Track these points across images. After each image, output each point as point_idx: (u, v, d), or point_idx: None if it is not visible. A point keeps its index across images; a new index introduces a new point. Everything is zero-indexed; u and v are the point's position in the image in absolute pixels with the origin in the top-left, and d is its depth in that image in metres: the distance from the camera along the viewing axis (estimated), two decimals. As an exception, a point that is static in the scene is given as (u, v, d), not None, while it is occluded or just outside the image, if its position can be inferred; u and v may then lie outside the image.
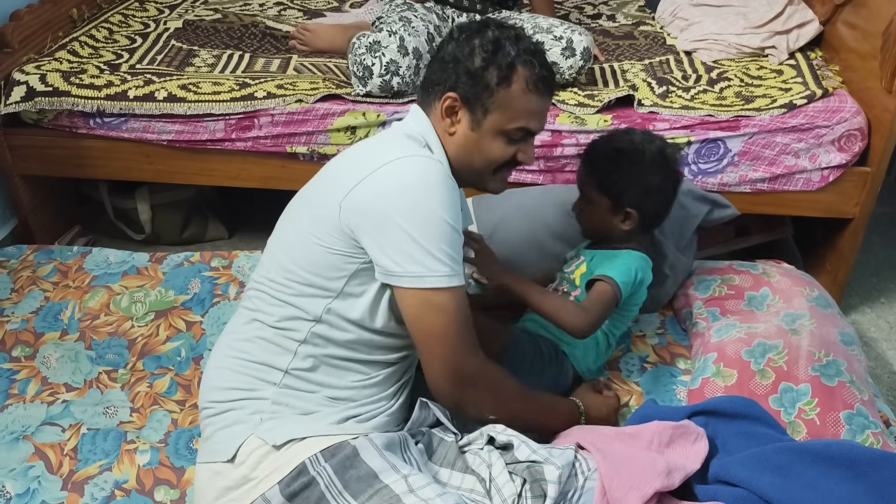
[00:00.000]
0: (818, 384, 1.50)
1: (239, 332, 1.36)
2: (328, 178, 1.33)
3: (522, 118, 1.30)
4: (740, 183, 2.07)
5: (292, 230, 1.33)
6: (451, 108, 1.30)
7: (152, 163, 2.16)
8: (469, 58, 1.28)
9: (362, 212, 1.22)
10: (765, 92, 2.12)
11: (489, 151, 1.32)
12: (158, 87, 2.09)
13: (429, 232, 1.19)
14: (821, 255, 2.28)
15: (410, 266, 1.19)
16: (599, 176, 1.58)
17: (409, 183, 1.21)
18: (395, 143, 1.30)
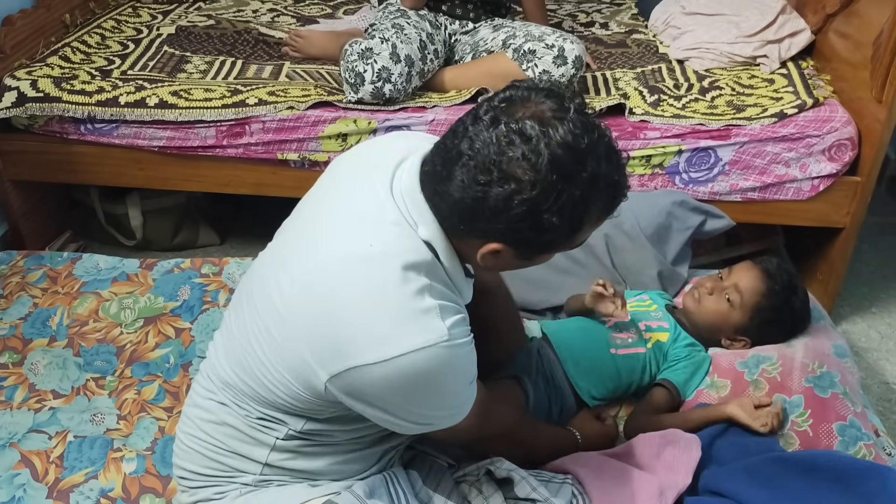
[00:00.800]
0: (811, 395, 1.50)
1: (207, 412, 1.21)
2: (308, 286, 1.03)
3: (585, 239, 1.04)
4: (731, 192, 2.07)
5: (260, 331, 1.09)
6: (495, 253, 1.00)
7: (143, 169, 2.16)
8: (533, 227, 0.94)
9: (363, 403, 1.03)
10: (756, 101, 2.12)
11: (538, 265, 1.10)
12: (150, 93, 2.09)
13: (448, 412, 1.08)
14: (812, 265, 2.29)
15: (421, 427, 1.09)
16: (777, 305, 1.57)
17: (419, 390, 1.00)
18: (395, 303, 0.98)
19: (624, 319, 1.59)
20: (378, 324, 0.97)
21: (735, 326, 1.60)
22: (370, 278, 0.98)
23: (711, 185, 2.07)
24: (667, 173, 2.06)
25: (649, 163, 2.05)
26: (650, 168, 2.06)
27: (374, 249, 0.99)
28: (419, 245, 1.01)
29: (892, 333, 2.26)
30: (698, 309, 1.61)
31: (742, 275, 1.60)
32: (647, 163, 2.05)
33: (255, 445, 1.18)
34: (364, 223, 1.03)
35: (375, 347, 0.96)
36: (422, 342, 0.95)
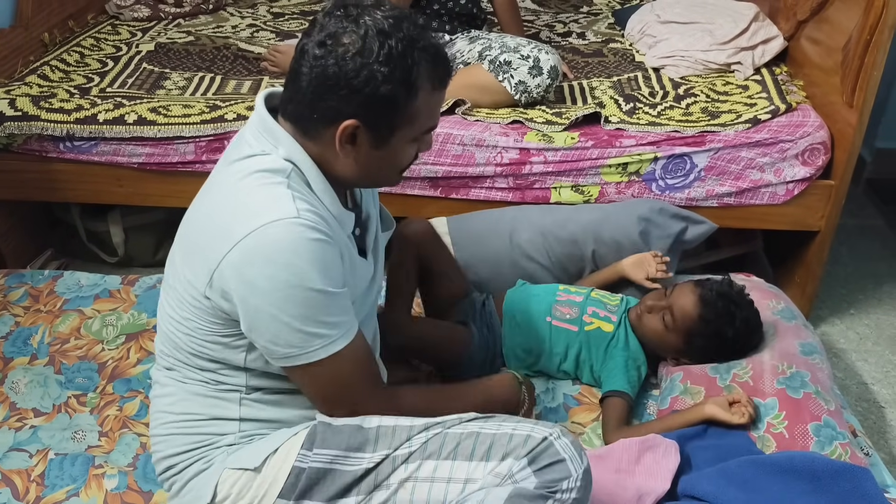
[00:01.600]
0: (785, 397, 1.51)
1: (171, 393, 1.30)
2: (191, 242, 1.19)
3: (430, 119, 1.18)
4: (707, 197, 2.09)
5: (172, 303, 1.23)
6: (351, 137, 1.13)
7: (123, 185, 2.16)
8: (368, 82, 1.07)
9: (230, 297, 1.12)
10: (730, 107, 2.15)
11: (397, 161, 1.20)
12: (128, 110, 2.10)
13: (299, 309, 1.10)
14: (790, 268, 2.31)
15: (286, 349, 1.12)
16: (709, 333, 1.59)
17: (272, 259, 1.08)
18: (255, 193, 1.12)
19: (656, 284, 1.74)
20: (239, 212, 1.10)
21: (673, 349, 1.63)
22: (234, 189, 1.14)
23: (688, 192, 2.09)
24: (643, 180, 2.08)
25: (626, 170, 2.07)
26: (627, 176, 2.08)
27: (238, 179, 1.14)
28: (278, 160, 1.14)
29: (869, 334, 2.28)
30: (639, 325, 1.66)
31: (679, 298, 1.61)
32: (624, 170, 2.07)
33: (224, 402, 1.25)
34: (227, 176, 1.17)
35: (236, 229, 1.08)
36: (274, 217, 1.07)
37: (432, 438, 1.18)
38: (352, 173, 1.18)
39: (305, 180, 1.15)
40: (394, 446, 1.18)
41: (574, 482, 1.12)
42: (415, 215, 2.07)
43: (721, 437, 1.50)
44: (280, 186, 1.12)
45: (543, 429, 1.15)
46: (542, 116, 2.11)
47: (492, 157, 2.07)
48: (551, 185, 2.09)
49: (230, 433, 1.26)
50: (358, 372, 1.18)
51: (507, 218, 1.96)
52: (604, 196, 2.10)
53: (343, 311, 1.15)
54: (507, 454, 1.13)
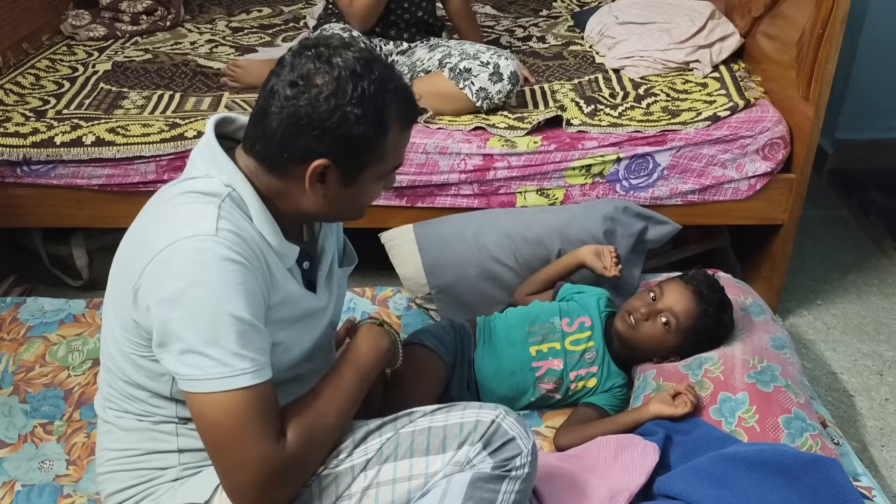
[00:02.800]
0: (755, 391, 1.53)
1: (109, 430, 1.27)
2: (119, 264, 1.18)
3: (398, 158, 1.20)
4: (671, 196, 2.11)
5: (107, 328, 1.22)
6: (321, 176, 1.13)
7: (84, 208, 2.13)
8: (341, 123, 1.08)
9: (147, 314, 1.09)
10: (690, 105, 2.16)
11: (364, 199, 1.21)
12: (86, 131, 2.07)
13: (205, 330, 1.05)
14: (757, 262, 2.33)
15: (188, 369, 1.07)
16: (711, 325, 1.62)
17: (183, 274, 1.05)
18: (178, 210, 1.11)
19: (617, 276, 1.75)
20: (160, 228, 1.10)
21: (670, 348, 1.64)
22: (162, 209, 1.14)
23: (652, 191, 2.10)
24: (607, 181, 2.09)
25: (589, 172, 2.08)
26: (591, 177, 2.09)
27: (168, 198, 1.15)
28: (217, 185, 1.14)
29: (837, 324, 2.31)
30: (634, 335, 1.63)
31: (675, 298, 1.61)
32: (588, 172, 2.08)
33: (160, 434, 1.21)
34: (162, 196, 1.18)
35: (155, 243, 1.08)
36: (190, 232, 1.07)
37: (387, 442, 1.19)
38: (317, 209, 1.18)
39: (244, 208, 1.14)
40: (349, 452, 1.19)
41: (525, 457, 1.19)
42: (382, 226, 2.07)
43: (688, 433, 1.51)
44: (207, 206, 1.10)
45: (489, 412, 1.20)
46: (505, 122, 2.11)
47: (455, 164, 2.07)
48: (516, 189, 2.10)
49: (171, 466, 1.23)
50: (256, 421, 1.07)
51: (473, 221, 1.97)
52: (569, 199, 2.11)
53: (255, 349, 1.08)
54: (463, 442, 1.17)
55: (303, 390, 1.21)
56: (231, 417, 1.06)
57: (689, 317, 1.60)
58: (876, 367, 2.14)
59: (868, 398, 2.04)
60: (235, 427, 1.06)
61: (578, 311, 1.69)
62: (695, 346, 1.63)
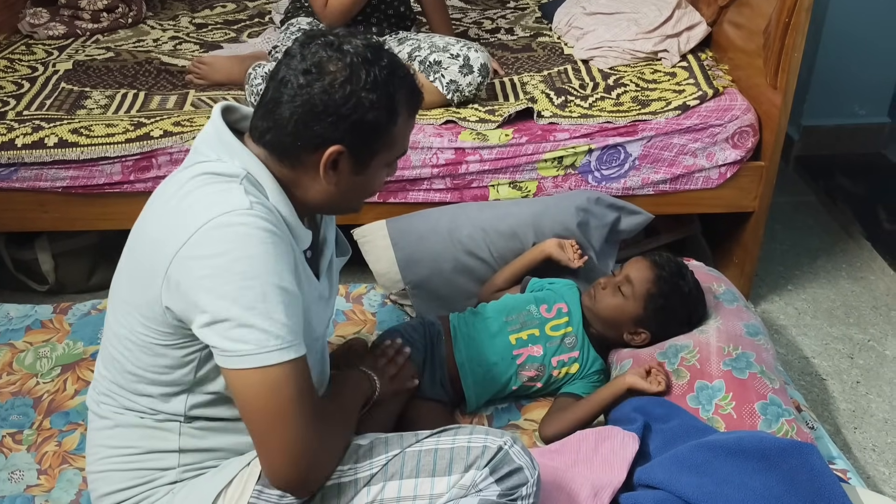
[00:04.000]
0: (731, 378, 1.54)
1: (106, 426, 1.24)
2: (140, 251, 1.16)
3: (404, 144, 1.21)
4: (643, 186, 2.12)
5: (116, 321, 1.19)
6: (335, 163, 1.14)
7: (48, 211, 2.08)
8: (356, 109, 1.09)
9: (184, 296, 1.06)
10: (660, 95, 2.17)
11: (371, 187, 1.22)
12: (48, 132, 2.02)
13: (255, 303, 1.04)
14: (728, 249, 2.35)
15: (238, 344, 1.04)
16: (668, 292, 1.63)
17: (227, 249, 1.05)
18: (204, 191, 1.10)
19: (579, 266, 1.79)
20: (189, 210, 1.09)
21: (632, 317, 1.65)
22: (182, 192, 1.12)
23: (623, 181, 2.11)
24: (579, 173, 2.09)
25: (561, 164, 2.08)
26: (563, 169, 2.09)
27: (186, 181, 1.13)
28: (232, 167, 1.13)
29: (808, 308, 2.34)
30: (596, 306, 1.67)
31: (632, 267, 1.68)
32: (560, 164, 2.08)
33: (162, 432, 1.19)
34: (174, 181, 1.16)
35: (188, 224, 1.07)
36: (227, 208, 1.06)
37: (392, 459, 1.19)
38: (324, 199, 1.18)
39: (261, 189, 1.13)
40: (353, 464, 1.18)
41: (531, 487, 1.18)
42: (354, 222, 2.04)
43: (667, 421, 1.52)
44: (230, 183, 1.10)
45: (496, 438, 1.20)
46: (476, 115, 2.10)
47: (427, 158, 2.05)
48: (489, 183, 2.09)
49: (170, 468, 1.21)
50: (303, 396, 1.07)
51: (446, 215, 1.96)
52: (541, 191, 2.10)
53: (297, 320, 1.09)
54: (469, 466, 1.17)
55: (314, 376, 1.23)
56: (283, 393, 1.05)
57: (644, 281, 1.63)
58: (846, 351, 2.17)
59: (840, 381, 2.07)
60: (285, 404, 1.05)
61: (555, 298, 1.71)
62: (658, 316, 1.64)
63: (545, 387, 1.67)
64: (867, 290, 2.41)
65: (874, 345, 2.19)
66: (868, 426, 1.93)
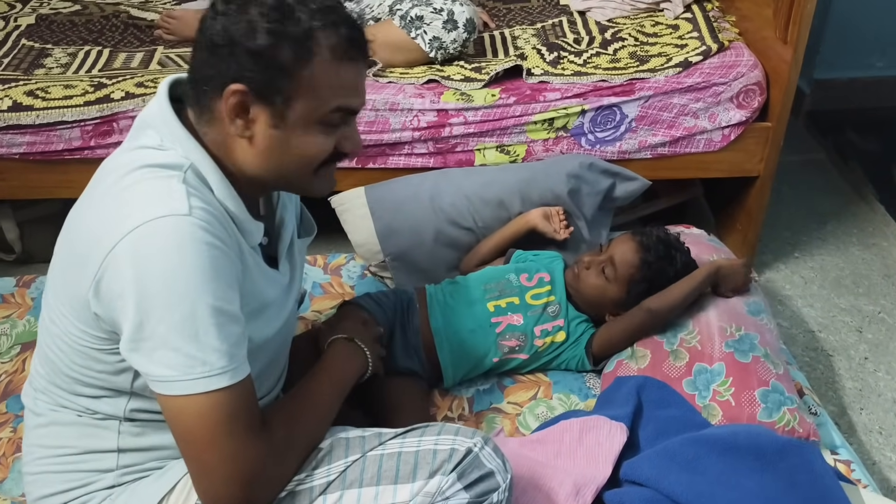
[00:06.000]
0: (732, 361, 1.44)
1: (42, 424, 1.15)
2: (72, 246, 1.05)
3: (337, 96, 1.02)
4: (640, 149, 1.98)
5: (51, 318, 1.09)
6: (240, 106, 1.00)
7: (6, 179, 1.96)
8: (249, 35, 0.97)
9: (112, 304, 0.97)
10: (660, 50, 2.02)
11: (304, 148, 1.04)
12: (1, 95, 1.89)
13: (183, 323, 0.95)
14: (732, 213, 2.22)
15: (163, 370, 0.95)
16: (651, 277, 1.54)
17: (157, 260, 0.94)
18: (143, 186, 1.00)
19: (565, 238, 1.70)
20: (125, 207, 0.98)
21: (613, 301, 1.56)
22: (120, 185, 1.01)
23: (619, 144, 1.97)
24: (571, 135, 1.96)
25: (552, 126, 1.94)
26: (553, 132, 1.95)
27: (125, 173, 1.02)
28: (174, 156, 1.03)
29: (814, 277, 2.21)
30: (577, 285, 1.58)
31: (617, 247, 1.58)
32: (550, 126, 1.94)
33: (100, 431, 1.11)
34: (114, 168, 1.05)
35: (122, 225, 0.96)
36: (162, 212, 0.95)
37: (352, 465, 1.09)
38: (256, 164, 1.04)
39: (205, 182, 1.03)
40: (309, 471, 1.09)
41: (503, 493, 1.10)
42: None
43: (663, 408, 1.42)
44: (171, 180, 0.99)
45: (465, 439, 1.10)
46: (461, 73, 1.96)
47: (408, 121, 1.92)
48: (474, 146, 1.96)
49: (109, 470, 1.12)
50: (236, 419, 0.99)
51: (428, 182, 1.84)
52: (531, 155, 1.97)
53: (235, 342, 0.99)
54: (435, 471, 1.07)
55: (270, 370, 1.18)
56: (210, 418, 0.96)
57: (628, 265, 1.54)
58: (854, 324, 2.06)
59: (846, 357, 1.95)
60: (215, 427, 0.97)
61: (536, 268, 1.61)
62: (640, 299, 1.54)
63: (531, 360, 1.57)
64: (879, 257, 2.28)
65: (885, 317, 2.07)
66: (875, 406, 1.83)
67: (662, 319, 1.52)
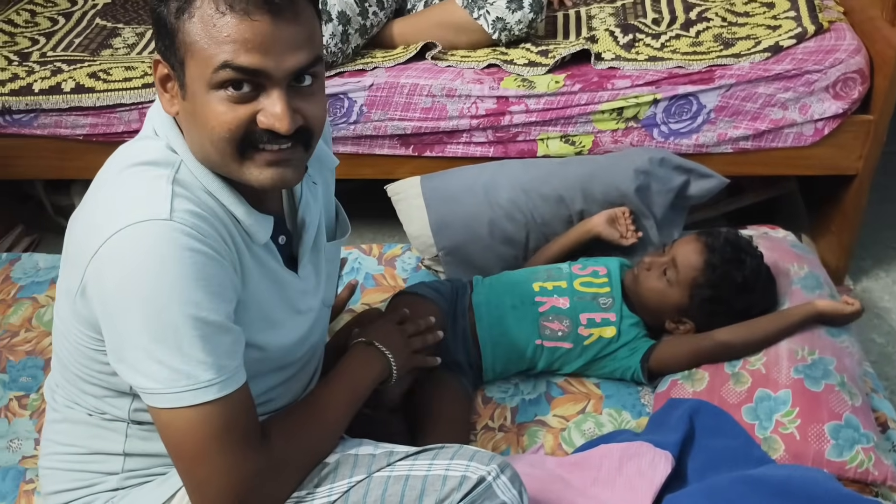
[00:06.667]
0: (801, 390, 1.30)
1: (56, 419, 1.16)
2: (68, 244, 1.03)
3: (222, 53, 0.88)
4: (719, 143, 1.81)
5: (57, 312, 1.09)
6: (162, 79, 0.96)
7: (71, 160, 2.00)
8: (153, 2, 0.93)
9: (96, 313, 0.95)
10: (749, 32, 1.83)
11: (206, 119, 0.92)
12: (66, 76, 1.91)
13: (165, 335, 0.90)
14: (827, 213, 2.02)
15: (147, 382, 0.92)
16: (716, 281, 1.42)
17: (136, 268, 0.90)
18: (128, 186, 0.96)
19: (633, 242, 1.58)
20: (109, 209, 0.94)
21: (675, 306, 1.44)
22: (111, 182, 0.99)
23: (696, 137, 1.81)
24: (643, 126, 1.81)
25: (621, 116, 1.80)
26: (623, 122, 1.81)
27: (118, 171, 0.99)
28: (165, 151, 0.98)
29: (919, 288, 1.99)
30: (636, 288, 1.46)
31: (681, 249, 1.46)
32: (619, 116, 1.80)
33: (107, 433, 1.09)
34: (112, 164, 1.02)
35: (103, 229, 0.92)
36: (141, 216, 0.91)
37: (356, 486, 1.03)
38: (190, 147, 0.98)
39: (196, 178, 0.98)
40: (311, 488, 1.04)
41: None
42: (389, 176, 1.86)
43: (717, 438, 1.30)
44: (159, 180, 0.95)
45: (479, 466, 1.02)
46: (526, 56, 1.84)
47: (465, 108, 1.82)
48: (536, 136, 1.84)
49: (113, 473, 1.11)
50: (231, 431, 0.95)
51: (485, 175, 1.75)
52: (598, 146, 1.84)
53: (223, 353, 0.94)
54: (442, 500, 1.00)
55: (295, 380, 1.14)
56: (199, 432, 0.93)
57: (690, 268, 1.42)
58: (963, 344, 1.83)
59: (949, 383, 1.74)
60: (205, 441, 0.94)
61: (593, 263, 1.52)
62: (704, 308, 1.42)
63: (577, 354, 1.45)
64: None
65: None
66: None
67: (736, 355, 1.38)
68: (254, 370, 1.02)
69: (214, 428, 0.93)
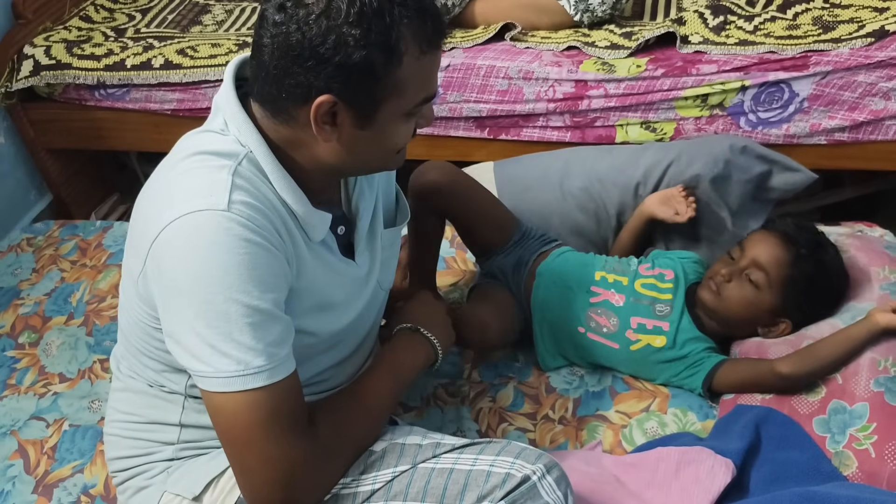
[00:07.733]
0: (880, 403, 1.22)
1: (119, 388, 1.21)
2: (132, 225, 1.06)
3: (424, 89, 0.99)
4: (812, 134, 1.71)
5: (121, 284, 1.12)
6: (330, 115, 0.97)
7: (162, 133, 2.07)
8: (337, 49, 0.91)
9: (154, 296, 0.99)
10: (853, 15, 1.71)
11: (392, 140, 1.02)
12: (156, 53, 1.98)
13: (217, 321, 0.93)
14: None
15: (198, 365, 0.95)
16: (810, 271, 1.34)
17: (192, 256, 0.93)
18: (190, 176, 0.99)
19: (690, 217, 1.51)
20: (171, 196, 0.98)
21: (769, 310, 1.35)
22: (175, 170, 1.01)
23: (786, 127, 1.71)
24: (728, 114, 1.72)
25: (706, 103, 1.72)
26: (707, 109, 1.72)
27: (181, 158, 1.02)
28: (232, 143, 1.01)
29: None
30: (720, 304, 1.36)
31: (758, 248, 1.36)
32: (704, 103, 1.72)
33: (166, 404, 1.14)
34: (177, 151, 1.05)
35: (163, 215, 0.96)
36: (200, 206, 0.94)
37: (400, 476, 1.04)
38: (338, 160, 1.01)
39: (261, 173, 1.00)
40: (357, 475, 1.05)
41: None
42: (465, 159, 1.84)
43: (783, 449, 1.23)
44: (221, 171, 0.97)
45: (525, 465, 1.01)
46: (608, 39, 1.78)
47: (542, 91, 1.78)
48: (616, 122, 1.78)
49: (169, 443, 1.15)
50: (279, 418, 0.97)
51: (559, 162, 1.71)
52: (681, 134, 1.76)
53: (273, 342, 0.96)
54: (483, 496, 0.99)
55: (349, 362, 1.16)
56: (248, 418, 0.96)
57: (780, 265, 1.33)
58: None
59: None
60: (254, 427, 0.96)
61: (664, 263, 1.45)
62: (801, 302, 1.34)
63: (624, 357, 1.41)
64: None
65: None
66: None
67: (800, 387, 1.29)
68: (307, 354, 1.05)
69: (263, 414, 0.95)
